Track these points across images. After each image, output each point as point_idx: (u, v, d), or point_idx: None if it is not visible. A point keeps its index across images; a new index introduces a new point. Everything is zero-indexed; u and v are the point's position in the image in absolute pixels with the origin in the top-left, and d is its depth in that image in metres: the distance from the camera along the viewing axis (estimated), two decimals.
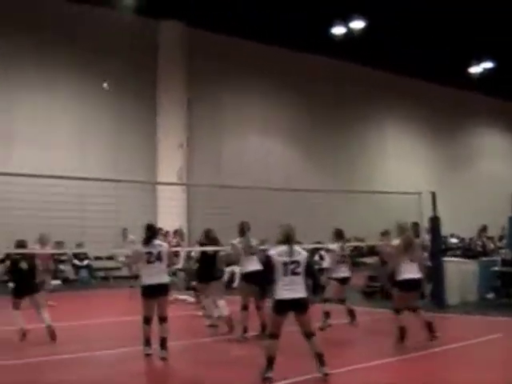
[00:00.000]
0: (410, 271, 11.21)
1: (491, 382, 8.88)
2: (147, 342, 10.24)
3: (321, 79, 33.94)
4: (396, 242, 11.66)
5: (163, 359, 9.95)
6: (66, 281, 24.21)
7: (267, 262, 8.66)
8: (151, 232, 10.51)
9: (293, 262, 8.54)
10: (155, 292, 10.15)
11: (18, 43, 25.07)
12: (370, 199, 25.08)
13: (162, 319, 10.21)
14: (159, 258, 10.28)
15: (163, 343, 10.09)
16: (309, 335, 8.63)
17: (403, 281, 11.21)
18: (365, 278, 20.19)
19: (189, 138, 28.97)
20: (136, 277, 18.93)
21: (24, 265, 11.92)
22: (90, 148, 26.71)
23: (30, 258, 12.27)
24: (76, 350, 11.01)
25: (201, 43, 29.52)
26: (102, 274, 25.93)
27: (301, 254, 8.72)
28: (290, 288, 8.41)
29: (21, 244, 12.16)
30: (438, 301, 16.40)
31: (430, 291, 16.81)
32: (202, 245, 13.90)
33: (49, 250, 17.73)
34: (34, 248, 16.97)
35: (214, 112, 30.54)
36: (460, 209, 35.94)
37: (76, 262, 25.00)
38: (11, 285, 12.32)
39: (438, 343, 11.33)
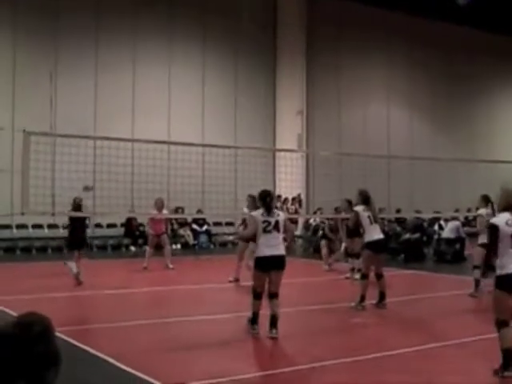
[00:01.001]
0: None
1: None
2: (255, 320, 9.37)
3: (447, 48, 32.96)
4: None
5: (273, 338, 8.96)
6: (185, 246, 24.82)
7: (493, 233, 7.17)
8: (269, 199, 9.50)
9: None
10: (269, 264, 9.21)
11: (143, 18, 25.59)
12: (492, 170, 24.32)
13: (274, 295, 9.22)
14: (276, 227, 9.29)
15: (273, 322, 9.06)
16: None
17: None
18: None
19: (308, 105, 28.87)
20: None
21: None
22: (209, 117, 26.99)
23: None
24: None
25: (320, 8, 29.24)
26: (220, 239, 26.36)
27: None
28: None
29: None
30: None
31: None
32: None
33: (165, 214, 18.29)
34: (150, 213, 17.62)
35: (334, 80, 30.25)
36: None
37: (195, 227, 25.50)
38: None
39: None
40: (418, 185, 28.65)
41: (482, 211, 13.31)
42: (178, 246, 24.47)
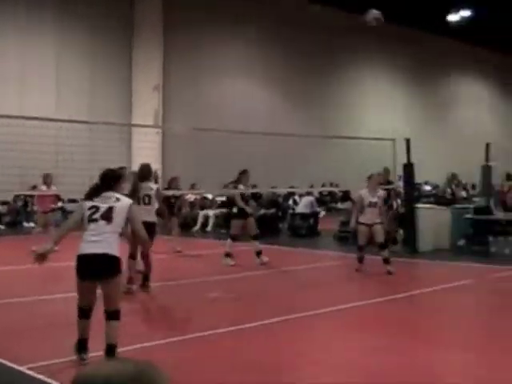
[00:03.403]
0: None
1: (460, 326, 9.02)
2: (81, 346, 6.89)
3: (303, 26, 33.55)
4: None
5: None
6: None
7: None
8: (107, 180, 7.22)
9: None
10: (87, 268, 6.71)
11: None
12: (346, 146, 25.12)
13: (109, 314, 6.82)
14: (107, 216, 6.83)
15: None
16: None
17: None
18: (338, 223, 20.23)
19: (165, 80, 28.70)
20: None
21: None
22: (64, 91, 26.37)
23: None
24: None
25: None
26: None
27: None
28: None
29: None
30: (411, 247, 16.56)
31: (403, 237, 16.99)
32: None
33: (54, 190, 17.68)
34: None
35: (191, 55, 30.17)
36: (435, 157, 36.13)
37: None
38: None
39: (409, 288, 11.52)
40: (274, 160, 29.09)
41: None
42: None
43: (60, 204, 25.00)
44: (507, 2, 29.97)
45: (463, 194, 24.86)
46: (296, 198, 25.59)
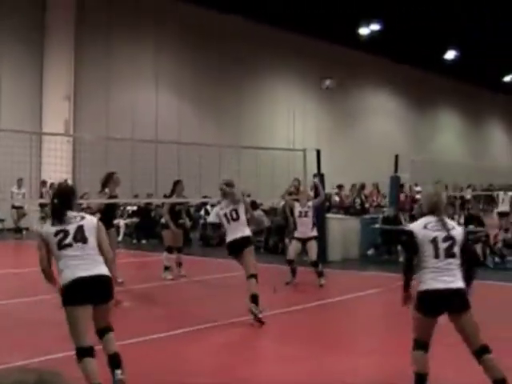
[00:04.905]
0: None
1: (368, 333, 9.20)
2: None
3: (212, 34, 33.62)
4: None
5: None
6: None
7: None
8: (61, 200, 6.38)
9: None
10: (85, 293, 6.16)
11: None
12: (257, 156, 25.27)
13: (104, 330, 6.38)
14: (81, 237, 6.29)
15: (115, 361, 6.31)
16: None
17: None
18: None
19: (76, 90, 28.30)
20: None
21: None
22: None
23: None
24: None
25: None
26: None
27: None
28: None
29: None
30: (320, 256, 16.74)
31: None
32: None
33: None
34: None
35: (103, 64, 29.79)
36: (346, 167, 36.65)
37: None
38: None
39: (319, 297, 11.67)
40: (185, 170, 28.96)
41: None
42: None
43: None
44: (414, 15, 30.83)
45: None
46: (208, 207, 25.58)
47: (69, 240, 6.02)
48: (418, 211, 19.19)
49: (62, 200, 6.29)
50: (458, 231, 6.10)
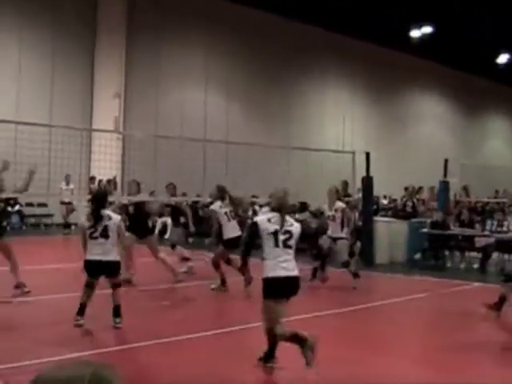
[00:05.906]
0: None
1: (412, 338, 9.12)
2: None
3: (265, 37, 33.66)
4: None
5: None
6: None
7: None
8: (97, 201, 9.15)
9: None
10: (94, 271, 9.02)
11: None
12: (306, 158, 25.20)
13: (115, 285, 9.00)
14: (104, 233, 8.79)
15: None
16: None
17: None
18: None
19: (127, 88, 28.57)
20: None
21: None
22: (25, 97, 26.11)
23: None
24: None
25: None
26: (33, 220, 25.67)
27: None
28: None
29: None
30: (367, 259, 16.68)
31: (360, 250, 17.10)
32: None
33: None
34: None
35: (153, 64, 30.05)
36: (395, 171, 36.38)
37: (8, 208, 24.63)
38: None
39: (365, 300, 11.60)
40: (234, 170, 29.03)
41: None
42: None
43: (17, 208, 24.77)
44: (466, 18, 30.46)
45: (422, 207, 24.99)
46: (256, 208, 25.58)
47: (96, 234, 8.70)
48: (466, 216, 18.99)
49: (97, 203, 8.94)
50: (295, 227, 7.03)
